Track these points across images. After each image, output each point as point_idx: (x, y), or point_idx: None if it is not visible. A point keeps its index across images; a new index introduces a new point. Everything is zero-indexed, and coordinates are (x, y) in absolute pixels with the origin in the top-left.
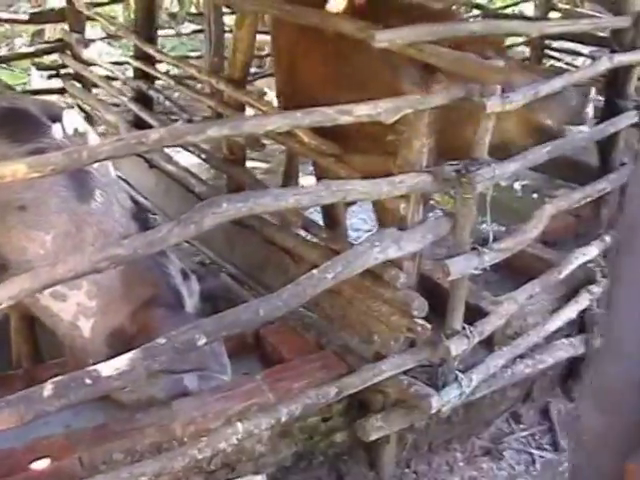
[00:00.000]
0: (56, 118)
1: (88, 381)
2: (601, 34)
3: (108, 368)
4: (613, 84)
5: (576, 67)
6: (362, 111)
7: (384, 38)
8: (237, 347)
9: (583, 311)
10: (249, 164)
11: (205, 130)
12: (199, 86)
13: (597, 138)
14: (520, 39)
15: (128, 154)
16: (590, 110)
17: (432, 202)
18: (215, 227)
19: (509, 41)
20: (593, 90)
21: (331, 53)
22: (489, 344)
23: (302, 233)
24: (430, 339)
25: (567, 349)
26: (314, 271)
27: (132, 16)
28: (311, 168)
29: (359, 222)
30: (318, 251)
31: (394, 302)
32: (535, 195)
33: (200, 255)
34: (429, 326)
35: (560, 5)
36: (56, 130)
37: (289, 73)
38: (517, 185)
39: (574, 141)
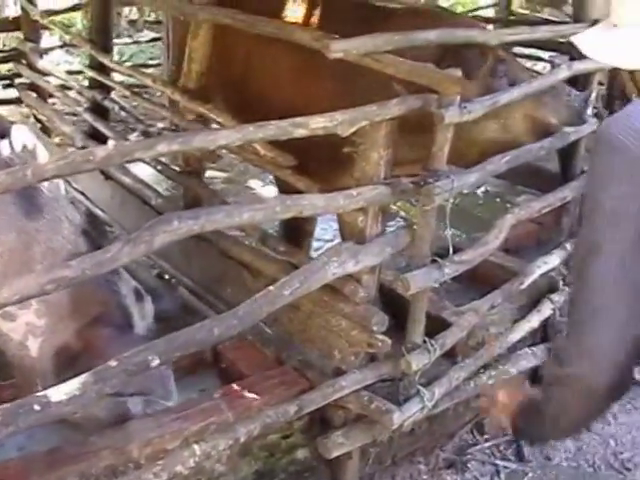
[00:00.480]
0: (3, 134)
1: (37, 407)
2: (560, 39)
3: (57, 393)
4: None
5: (537, 73)
6: (318, 124)
7: (339, 48)
8: (195, 363)
9: (545, 320)
10: (208, 173)
11: (154, 146)
12: (158, 94)
13: (558, 146)
14: None
15: (74, 173)
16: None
17: (394, 208)
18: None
19: None
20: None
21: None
22: (451, 355)
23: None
24: (391, 353)
25: (530, 359)
26: (270, 288)
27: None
28: (271, 177)
29: (320, 232)
30: (276, 265)
31: (354, 317)
32: (498, 200)
33: (158, 268)
34: (389, 341)
35: (520, 10)
36: (3, 147)
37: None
38: (479, 191)
39: (535, 150)
